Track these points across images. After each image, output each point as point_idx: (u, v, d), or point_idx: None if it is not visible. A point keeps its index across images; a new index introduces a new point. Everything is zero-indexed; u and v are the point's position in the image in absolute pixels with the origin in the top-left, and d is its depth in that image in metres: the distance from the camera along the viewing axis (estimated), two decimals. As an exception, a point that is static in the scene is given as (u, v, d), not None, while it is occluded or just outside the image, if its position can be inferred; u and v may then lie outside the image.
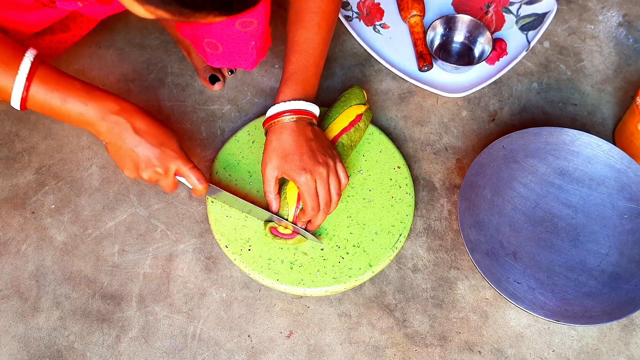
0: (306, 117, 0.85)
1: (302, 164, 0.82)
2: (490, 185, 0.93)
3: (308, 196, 0.83)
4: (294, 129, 0.84)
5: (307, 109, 0.85)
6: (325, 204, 0.85)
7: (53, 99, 0.74)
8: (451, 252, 0.93)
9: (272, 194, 0.86)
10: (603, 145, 0.94)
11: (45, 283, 0.91)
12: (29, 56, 0.72)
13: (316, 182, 0.83)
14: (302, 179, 0.82)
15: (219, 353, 0.86)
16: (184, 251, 0.93)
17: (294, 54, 0.87)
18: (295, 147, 0.83)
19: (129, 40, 1.11)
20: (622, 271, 0.87)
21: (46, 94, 0.73)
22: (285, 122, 0.84)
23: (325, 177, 0.83)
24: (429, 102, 1.05)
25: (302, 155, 0.82)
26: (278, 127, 0.84)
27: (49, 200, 0.96)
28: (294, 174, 0.82)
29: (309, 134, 0.84)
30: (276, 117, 0.84)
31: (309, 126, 0.85)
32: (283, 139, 0.83)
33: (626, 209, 0.92)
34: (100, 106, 0.75)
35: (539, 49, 1.11)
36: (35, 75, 0.72)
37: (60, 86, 0.74)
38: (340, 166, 0.86)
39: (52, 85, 0.73)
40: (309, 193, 0.83)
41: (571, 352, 0.86)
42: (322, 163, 0.83)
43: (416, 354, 0.86)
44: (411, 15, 1.09)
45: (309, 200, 0.83)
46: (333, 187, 0.85)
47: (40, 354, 0.86)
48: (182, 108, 1.05)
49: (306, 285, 0.86)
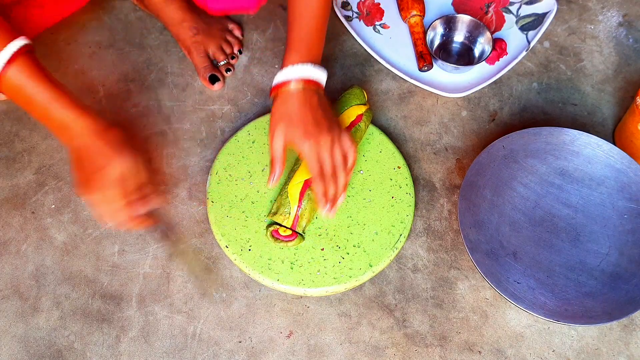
0: (313, 85, 0.86)
1: (305, 131, 0.83)
2: (490, 185, 0.93)
3: (311, 162, 0.84)
4: (300, 97, 0.84)
5: (314, 75, 0.86)
6: (332, 172, 0.85)
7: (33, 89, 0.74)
8: (451, 252, 0.93)
9: (278, 160, 0.86)
10: (603, 145, 0.94)
11: (45, 283, 0.91)
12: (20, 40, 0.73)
13: (320, 150, 0.83)
14: (305, 146, 0.83)
15: (219, 353, 0.86)
16: (184, 251, 0.93)
17: (297, 19, 0.87)
18: (300, 115, 0.84)
19: (129, 40, 1.11)
20: (622, 271, 0.87)
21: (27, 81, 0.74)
22: (291, 89, 0.84)
23: (329, 146, 0.84)
24: (429, 102, 1.05)
25: (306, 123, 0.83)
26: (284, 94, 0.85)
27: (49, 200, 0.96)
28: (297, 141, 0.83)
29: (315, 103, 0.85)
30: (283, 85, 0.85)
31: (316, 95, 0.86)
32: (288, 107, 0.84)
33: (626, 209, 0.92)
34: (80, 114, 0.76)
35: (539, 49, 1.11)
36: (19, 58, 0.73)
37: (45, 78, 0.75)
38: (346, 136, 0.86)
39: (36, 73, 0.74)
40: (312, 159, 0.83)
41: (571, 352, 0.86)
42: (326, 131, 0.84)
43: (416, 354, 0.86)
44: (411, 15, 1.09)
45: (312, 166, 0.84)
46: (338, 155, 0.85)
47: (40, 354, 0.86)
48: (182, 108, 1.05)
49: (306, 285, 0.86)
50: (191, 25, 1.06)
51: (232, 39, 1.08)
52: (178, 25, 1.06)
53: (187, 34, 1.06)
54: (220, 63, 1.06)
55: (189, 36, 1.06)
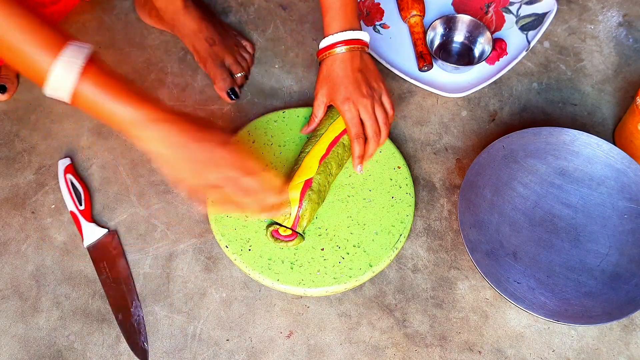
0: (357, 46, 0.90)
1: (346, 94, 0.89)
2: (490, 185, 0.93)
3: (351, 124, 0.90)
4: (344, 59, 0.90)
5: (358, 37, 0.90)
6: (373, 133, 0.90)
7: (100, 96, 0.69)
8: (451, 252, 0.93)
9: (318, 117, 0.94)
10: (603, 145, 0.94)
11: (45, 283, 0.91)
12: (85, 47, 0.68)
13: (359, 111, 0.89)
14: (345, 107, 0.89)
15: (219, 353, 0.86)
16: (184, 251, 0.93)
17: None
18: (342, 77, 0.90)
19: (129, 40, 1.11)
20: (622, 271, 0.87)
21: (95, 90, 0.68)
22: (336, 52, 0.90)
23: (370, 108, 0.90)
24: (429, 102, 1.05)
25: (347, 85, 0.89)
26: (331, 57, 0.90)
27: (49, 200, 0.96)
28: (338, 103, 0.90)
29: (357, 64, 0.90)
30: (329, 49, 0.90)
31: (359, 56, 0.91)
32: (333, 69, 0.90)
33: (626, 209, 0.92)
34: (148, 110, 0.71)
35: (539, 49, 1.11)
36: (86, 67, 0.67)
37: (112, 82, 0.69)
38: (386, 97, 0.93)
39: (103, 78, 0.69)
40: (351, 121, 0.90)
41: (571, 352, 0.86)
42: (366, 94, 0.89)
43: (416, 354, 0.86)
44: (411, 15, 1.09)
45: (351, 127, 0.90)
46: (379, 117, 0.91)
47: (40, 354, 0.86)
48: (182, 108, 1.04)
49: (306, 285, 0.86)
50: (207, 36, 1.05)
51: (245, 54, 1.08)
52: (194, 36, 1.05)
53: (204, 45, 1.05)
54: (237, 75, 1.06)
55: (204, 47, 1.05)
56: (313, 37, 1.12)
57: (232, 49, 1.06)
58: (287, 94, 1.07)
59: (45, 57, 0.66)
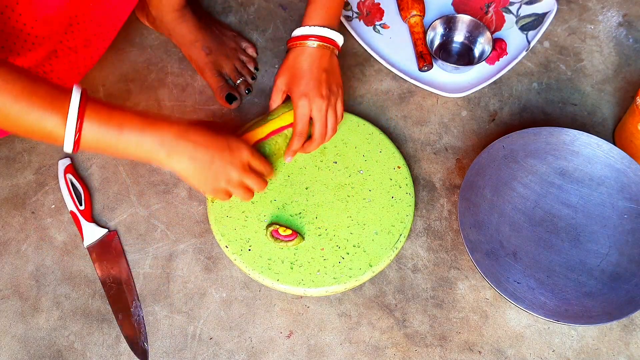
0: (330, 46, 0.89)
1: (305, 90, 0.88)
2: (490, 185, 0.93)
3: (300, 120, 0.89)
4: (313, 54, 0.88)
5: (332, 37, 0.89)
6: (319, 134, 0.90)
7: (108, 134, 0.70)
8: (451, 252, 0.93)
9: (275, 104, 0.92)
10: (603, 145, 0.94)
11: (45, 283, 0.91)
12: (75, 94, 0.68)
13: (312, 110, 0.88)
14: (300, 102, 0.88)
15: (219, 353, 0.86)
16: (184, 251, 0.93)
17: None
18: (306, 71, 0.88)
19: (129, 40, 1.11)
20: (622, 271, 0.87)
21: (100, 130, 0.69)
22: (307, 45, 0.88)
23: (324, 109, 0.89)
24: (429, 102, 1.05)
25: (308, 81, 0.88)
26: (299, 49, 0.89)
27: (49, 200, 0.96)
28: (294, 96, 0.88)
29: (325, 64, 0.89)
30: (301, 39, 0.88)
31: (328, 55, 0.89)
32: (299, 60, 0.88)
33: (626, 209, 0.92)
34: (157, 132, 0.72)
35: (539, 49, 1.11)
36: (85, 112, 0.68)
37: (113, 119, 0.70)
38: (340, 103, 0.92)
39: (104, 119, 0.69)
40: (301, 118, 0.88)
41: (571, 352, 0.86)
42: (324, 95, 0.88)
43: (416, 354, 0.86)
44: (411, 15, 1.09)
45: (299, 123, 0.89)
46: (330, 120, 0.90)
47: (40, 354, 0.86)
48: (182, 108, 1.05)
49: (306, 285, 0.86)
50: (204, 45, 1.04)
51: (245, 57, 1.07)
52: (190, 45, 1.05)
53: (200, 54, 1.04)
54: (237, 82, 1.05)
55: (201, 56, 1.04)
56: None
57: (231, 55, 1.06)
58: (287, 94, 1.06)
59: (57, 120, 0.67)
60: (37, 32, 0.79)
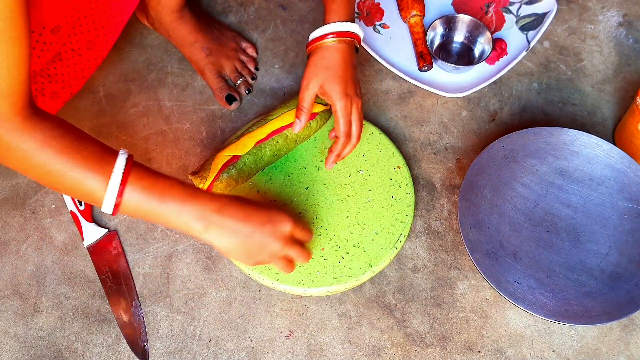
0: (352, 40, 0.87)
1: (346, 89, 0.86)
2: (490, 185, 0.93)
3: (344, 121, 0.87)
4: (341, 50, 0.86)
5: (353, 30, 0.87)
6: (357, 135, 0.89)
7: (149, 203, 0.69)
8: (451, 252, 0.93)
9: (307, 109, 0.89)
10: (603, 145, 0.94)
11: (45, 283, 0.91)
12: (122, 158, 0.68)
13: (352, 112, 0.87)
14: (342, 103, 0.86)
15: (219, 353, 0.86)
16: (184, 251, 0.93)
17: None
18: (343, 69, 0.86)
19: (129, 40, 1.11)
20: (622, 271, 0.87)
21: (141, 197, 0.68)
22: (329, 43, 0.86)
23: (359, 109, 0.88)
24: (429, 102, 1.05)
25: (347, 81, 0.86)
26: (323, 48, 0.86)
27: (49, 200, 0.96)
28: (337, 97, 0.86)
29: (353, 61, 0.88)
30: (321, 39, 0.86)
31: (353, 51, 0.88)
32: (333, 59, 0.86)
33: (626, 209, 0.92)
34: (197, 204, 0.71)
35: (539, 49, 1.11)
36: (129, 178, 0.68)
37: (156, 187, 0.69)
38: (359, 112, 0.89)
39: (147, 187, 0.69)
40: (345, 118, 0.87)
41: (571, 352, 0.86)
42: (358, 95, 0.88)
43: (416, 354, 0.86)
44: (411, 15, 1.09)
45: (343, 124, 0.87)
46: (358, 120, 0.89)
47: (40, 354, 0.86)
48: (182, 108, 1.05)
49: (306, 285, 0.86)
50: (203, 46, 1.04)
51: (245, 57, 1.07)
52: (190, 46, 1.05)
53: (200, 55, 1.04)
54: (237, 82, 1.05)
55: (201, 57, 1.04)
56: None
57: (231, 56, 1.06)
58: (287, 94, 1.06)
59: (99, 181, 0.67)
60: (45, 39, 0.80)
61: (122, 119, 1.03)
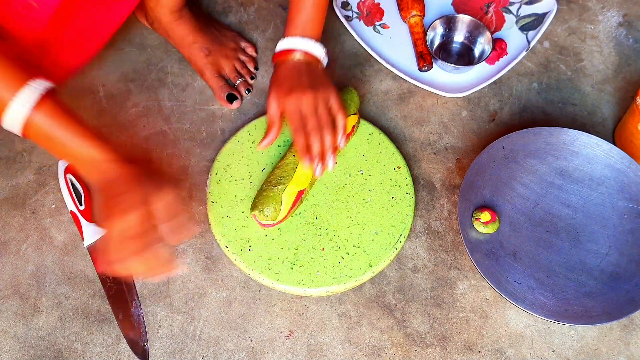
0: (307, 57, 0.89)
1: (290, 90, 0.86)
2: (490, 185, 0.93)
3: (291, 116, 0.86)
4: (298, 66, 0.89)
5: (315, 51, 0.90)
6: (313, 128, 0.85)
7: (56, 130, 0.71)
8: (451, 252, 0.93)
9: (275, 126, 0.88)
10: (603, 145, 0.94)
11: (45, 283, 0.91)
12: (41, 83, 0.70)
13: (301, 105, 0.86)
14: (288, 102, 0.86)
15: (219, 353, 0.86)
16: (184, 251, 0.93)
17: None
18: (289, 78, 0.88)
19: (129, 40, 1.11)
20: (622, 271, 0.87)
21: (52, 123, 0.71)
22: (293, 59, 0.89)
23: (312, 103, 0.86)
24: (429, 102, 1.05)
25: (292, 84, 0.87)
26: (285, 64, 0.90)
27: (49, 200, 0.96)
28: (282, 100, 0.87)
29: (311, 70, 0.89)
30: (284, 55, 0.89)
31: (308, 64, 0.90)
32: (285, 74, 0.89)
33: (626, 209, 0.92)
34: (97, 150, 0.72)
35: (539, 49, 1.11)
36: (40, 102, 0.70)
37: (65, 119, 0.71)
38: (335, 100, 0.88)
39: (58, 115, 0.71)
40: (292, 113, 0.86)
41: (571, 352, 0.86)
42: (310, 90, 0.86)
43: (416, 354, 0.86)
44: (411, 15, 1.09)
45: (292, 120, 0.86)
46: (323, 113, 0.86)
47: (40, 354, 0.86)
48: (182, 108, 1.05)
49: (306, 285, 0.86)
50: (202, 46, 1.04)
51: (245, 57, 1.07)
52: (189, 47, 1.05)
53: (199, 55, 1.04)
54: (237, 82, 1.05)
55: (200, 57, 1.04)
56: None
57: (230, 55, 1.06)
58: (287, 94, 1.06)
59: (6, 93, 0.69)
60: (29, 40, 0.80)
61: (122, 119, 1.03)
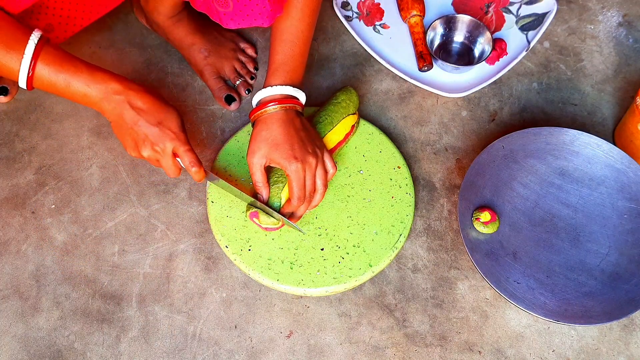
0: (293, 106, 0.86)
1: (293, 153, 0.83)
2: (490, 185, 0.93)
3: (297, 185, 0.85)
4: (283, 118, 0.85)
5: (294, 95, 0.87)
6: (309, 194, 0.87)
7: (58, 81, 0.75)
8: (451, 252, 0.93)
9: (261, 182, 0.87)
10: (603, 145, 0.94)
11: (45, 283, 0.91)
12: (34, 37, 0.73)
13: (305, 173, 0.84)
14: (292, 167, 0.84)
15: (219, 353, 0.86)
16: (184, 251, 0.93)
17: (280, 43, 0.88)
18: (286, 136, 0.84)
19: (129, 40, 1.11)
20: (622, 271, 0.87)
21: (51, 75, 0.75)
22: (271, 112, 0.85)
23: (314, 168, 0.85)
24: (429, 102, 1.05)
25: (292, 144, 0.84)
26: (266, 117, 0.85)
27: (49, 200, 0.96)
28: (285, 162, 0.84)
29: (298, 124, 0.86)
30: (263, 107, 0.85)
31: (297, 116, 0.87)
32: (273, 129, 0.84)
33: (626, 209, 0.92)
34: (102, 87, 0.77)
35: (539, 49, 1.11)
36: (40, 55, 0.74)
37: (64, 68, 0.75)
38: (328, 157, 0.88)
39: (56, 66, 0.75)
40: (298, 182, 0.85)
41: (571, 352, 0.86)
42: (311, 153, 0.85)
43: (416, 354, 0.86)
44: (411, 15, 1.09)
45: (297, 189, 0.85)
46: (319, 178, 0.87)
47: (40, 354, 0.86)
48: (182, 108, 1.05)
49: (306, 285, 0.86)
50: (202, 48, 1.04)
51: (244, 58, 1.07)
52: (188, 48, 1.05)
53: (198, 56, 1.04)
54: (237, 82, 1.05)
55: (200, 59, 1.04)
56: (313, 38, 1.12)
57: (230, 56, 1.06)
58: (287, 94, 1.06)
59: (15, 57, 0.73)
60: None
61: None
